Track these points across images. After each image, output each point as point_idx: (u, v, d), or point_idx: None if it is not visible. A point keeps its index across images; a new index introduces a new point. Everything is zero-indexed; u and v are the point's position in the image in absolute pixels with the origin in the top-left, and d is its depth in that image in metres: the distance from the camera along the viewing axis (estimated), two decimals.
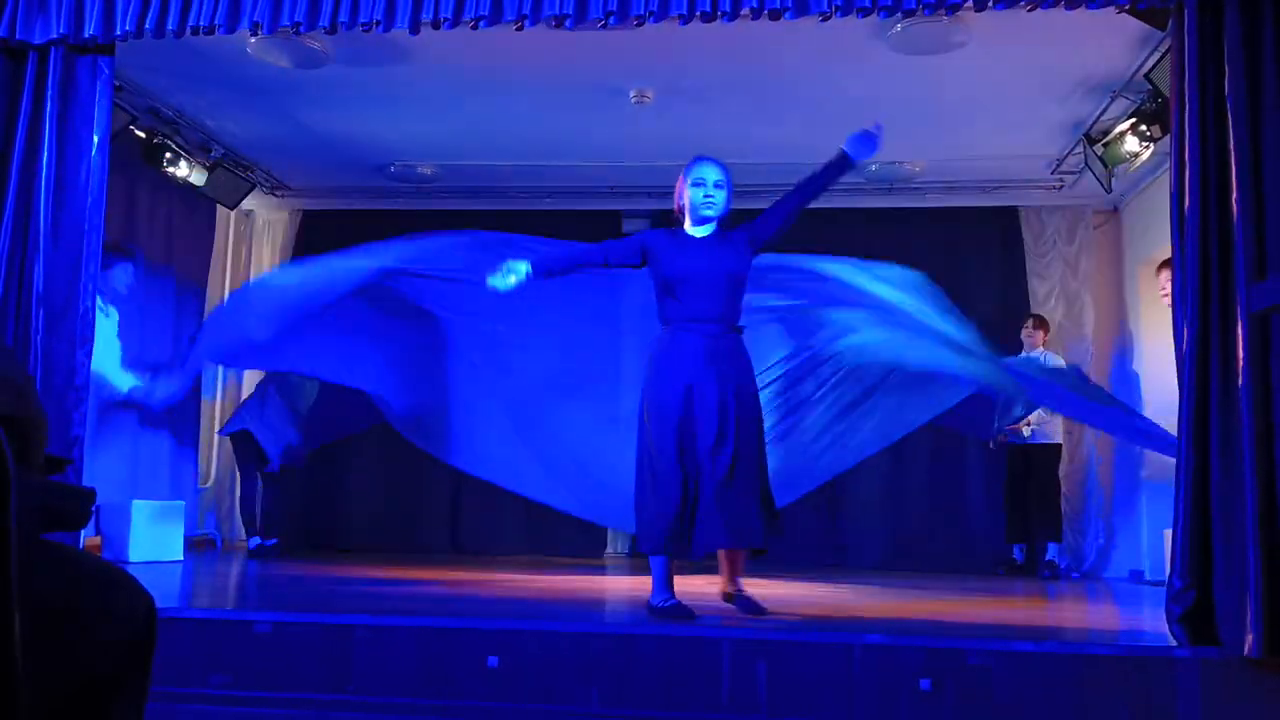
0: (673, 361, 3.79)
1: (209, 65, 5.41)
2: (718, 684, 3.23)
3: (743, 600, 3.95)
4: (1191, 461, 3.31)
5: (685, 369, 3.76)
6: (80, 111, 4.01)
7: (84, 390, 3.94)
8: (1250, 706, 3.12)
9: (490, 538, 7.48)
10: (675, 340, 3.82)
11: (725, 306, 3.82)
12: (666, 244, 3.89)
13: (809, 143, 6.37)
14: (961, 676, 3.17)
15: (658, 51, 5.10)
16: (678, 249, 3.86)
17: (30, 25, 3.95)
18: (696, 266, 3.80)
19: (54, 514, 1.00)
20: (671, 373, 3.78)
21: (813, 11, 3.61)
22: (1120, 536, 7.09)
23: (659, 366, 3.83)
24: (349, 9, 3.79)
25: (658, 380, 3.81)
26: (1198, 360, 3.34)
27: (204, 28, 3.88)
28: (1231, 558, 3.20)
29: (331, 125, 6.34)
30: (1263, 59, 3.37)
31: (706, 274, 3.79)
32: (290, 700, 3.31)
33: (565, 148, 6.58)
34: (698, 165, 3.92)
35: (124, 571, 1.06)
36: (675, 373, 3.77)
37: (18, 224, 3.93)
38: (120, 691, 0.99)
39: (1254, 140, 3.34)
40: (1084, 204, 7.30)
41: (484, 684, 3.30)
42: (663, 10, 3.65)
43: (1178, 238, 3.45)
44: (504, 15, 3.74)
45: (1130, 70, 5.27)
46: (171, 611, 3.48)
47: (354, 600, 4.31)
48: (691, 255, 3.83)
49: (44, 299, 3.88)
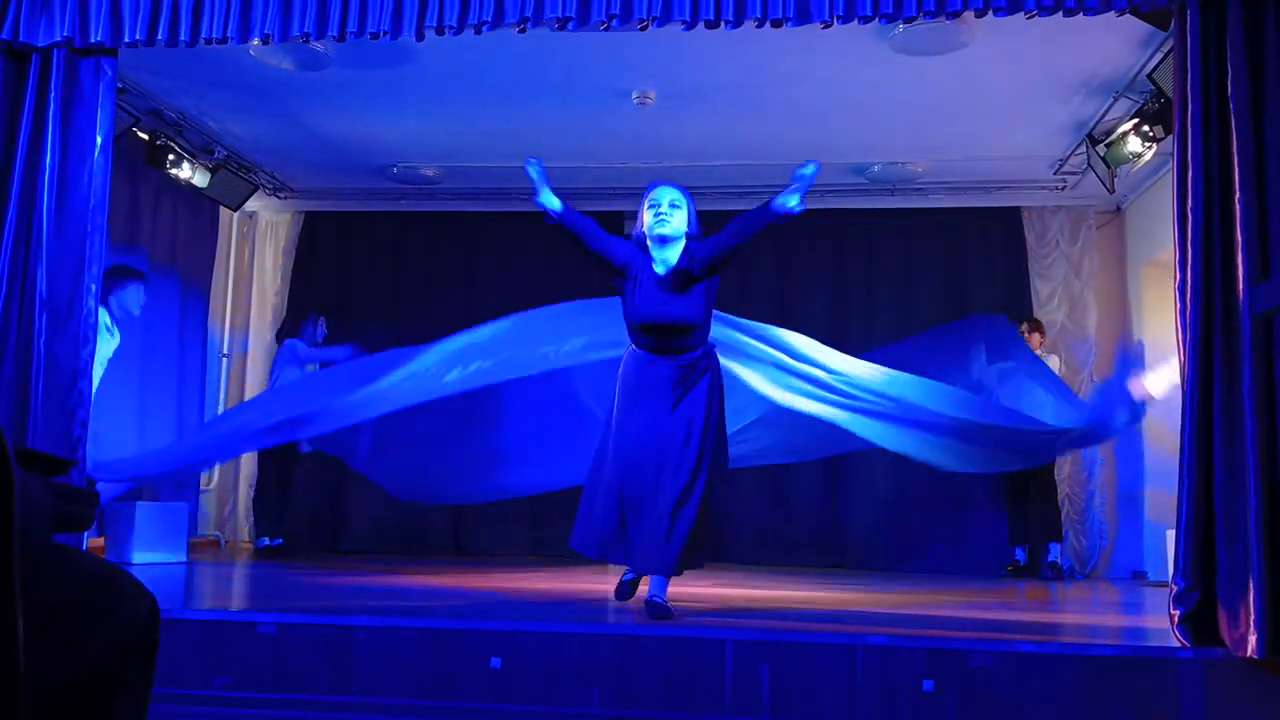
0: (633, 380, 3.93)
1: (212, 67, 5.42)
2: (720, 685, 3.23)
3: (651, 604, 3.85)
4: (1194, 462, 3.31)
5: (644, 389, 3.88)
6: (83, 113, 4.02)
7: (86, 392, 3.95)
8: (1253, 707, 3.12)
9: (492, 539, 7.48)
10: (637, 360, 3.95)
11: (679, 343, 3.89)
12: (634, 275, 3.91)
13: (810, 144, 6.40)
14: (964, 677, 3.17)
15: (659, 53, 5.10)
16: (640, 287, 3.90)
17: (34, 28, 3.96)
18: (647, 312, 3.88)
19: (58, 516, 1.00)
20: (630, 392, 3.92)
21: (814, 20, 3.63)
22: (1123, 537, 7.08)
23: (622, 382, 3.98)
24: (357, 18, 3.82)
25: (619, 397, 3.97)
26: (1201, 361, 3.34)
27: (216, 39, 3.91)
28: (1235, 559, 3.20)
29: (334, 127, 6.34)
30: (1265, 59, 3.37)
31: (656, 320, 3.87)
32: (293, 701, 3.31)
33: (567, 149, 6.58)
34: (652, 189, 3.99)
35: (126, 573, 1.07)
36: (634, 392, 3.91)
37: (21, 225, 3.93)
38: (123, 692, 0.99)
39: (1257, 140, 3.34)
40: (1087, 204, 7.29)
41: (487, 685, 3.30)
42: (666, 15, 3.66)
43: (1181, 238, 3.44)
44: (507, 18, 3.75)
45: (1133, 70, 5.27)
46: (174, 613, 3.49)
47: (357, 601, 4.32)
48: (644, 298, 3.88)
49: (47, 300, 3.89)
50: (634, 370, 3.95)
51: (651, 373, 3.89)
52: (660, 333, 3.89)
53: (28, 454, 0.98)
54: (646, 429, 3.84)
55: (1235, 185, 3.33)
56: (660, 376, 3.87)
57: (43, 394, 3.84)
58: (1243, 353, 3.25)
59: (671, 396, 3.85)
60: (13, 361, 3.86)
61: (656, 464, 3.80)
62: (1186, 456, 3.33)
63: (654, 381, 3.87)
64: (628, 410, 3.92)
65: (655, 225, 3.89)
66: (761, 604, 4.56)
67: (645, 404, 3.87)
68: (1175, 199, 3.48)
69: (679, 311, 3.86)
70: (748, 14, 3.64)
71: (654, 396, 3.86)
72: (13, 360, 3.86)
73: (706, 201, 7.25)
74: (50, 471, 1.05)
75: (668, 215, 3.89)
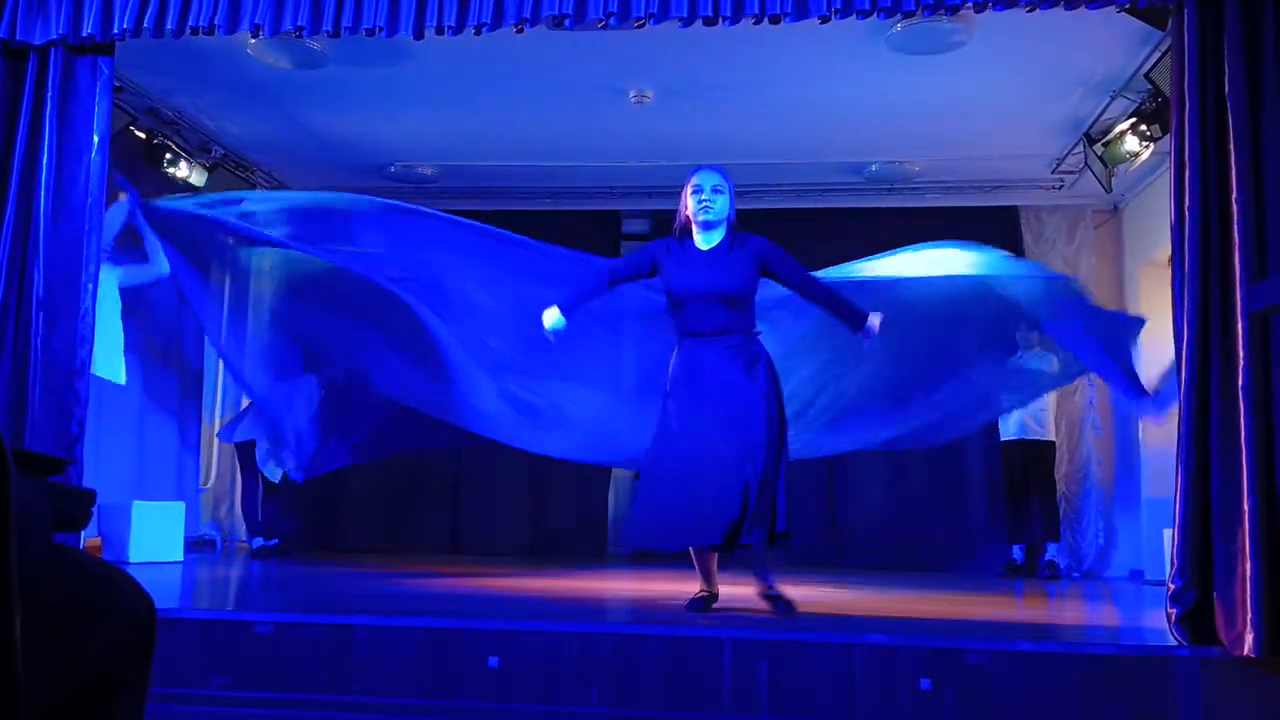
0: (684, 374, 3.93)
1: (209, 66, 5.41)
2: (719, 684, 3.23)
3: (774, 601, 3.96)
4: (1191, 461, 3.31)
5: (695, 382, 3.89)
6: (80, 112, 4.01)
7: (84, 391, 3.94)
8: (1250, 706, 3.12)
9: (490, 538, 7.49)
10: (686, 353, 3.96)
11: (729, 321, 3.92)
12: (672, 257, 4.01)
13: (809, 143, 6.41)
14: (962, 676, 3.17)
15: (657, 52, 5.10)
16: (682, 263, 3.97)
17: (30, 26, 3.95)
18: (697, 284, 3.92)
19: (56, 516, 1.00)
20: (682, 386, 3.92)
21: (812, 15, 3.62)
22: (1120, 536, 7.10)
23: (672, 378, 3.97)
24: (352, 13, 3.80)
25: (670, 392, 3.96)
26: (1198, 360, 3.34)
27: (203, 28, 3.87)
28: (1232, 557, 3.20)
29: (331, 126, 6.34)
30: (1263, 58, 3.37)
31: (706, 292, 3.91)
32: (291, 701, 3.31)
33: (565, 148, 6.59)
34: (695, 174, 4.05)
35: (124, 573, 1.07)
36: (686, 385, 3.91)
37: (18, 224, 3.93)
38: (120, 691, 0.99)
39: (1254, 139, 3.34)
40: (1084, 203, 7.30)
41: (485, 684, 3.30)
42: (663, 13, 3.65)
43: (1178, 237, 3.45)
44: (506, 19, 3.74)
45: (1130, 70, 5.28)
46: (172, 612, 3.48)
47: (355, 600, 4.31)
48: (694, 272, 3.94)
49: (43, 299, 3.88)
50: (687, 358, 3.95)
51: (704, 357, 3.90)
52: (706, 302, 3.89)
53: (25, 454, 0.98)
54: (716, 411, 3.83)
55: (1233, 185, 3.33)
56: (713, 360, 3.88)
57: (40, 393, 3.84)
58: (1240, 352, 3.26)
59: (731, 378, 3.86)
60: (10, 360, 3.85)
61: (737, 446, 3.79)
62: (1183, 455, 3.34)
63: (708, 366, 3.89)
64: (690, 399, 3.90)
65: (700, 211, 4.00)
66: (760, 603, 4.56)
67: (706, 390, 3.87)
68: (1172, 198, 3.48)
69: (725, 281, 3.91)
70: (745, 10, 3.63)
71: (714, 381, 3.86)
72: (10, 359, 3.85)
73: None
74: (47, 471, 1.05)
75: (711, 201, 3.98)
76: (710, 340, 3.91)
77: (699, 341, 3.93)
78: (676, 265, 3.97)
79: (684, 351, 3.98)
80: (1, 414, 3.78)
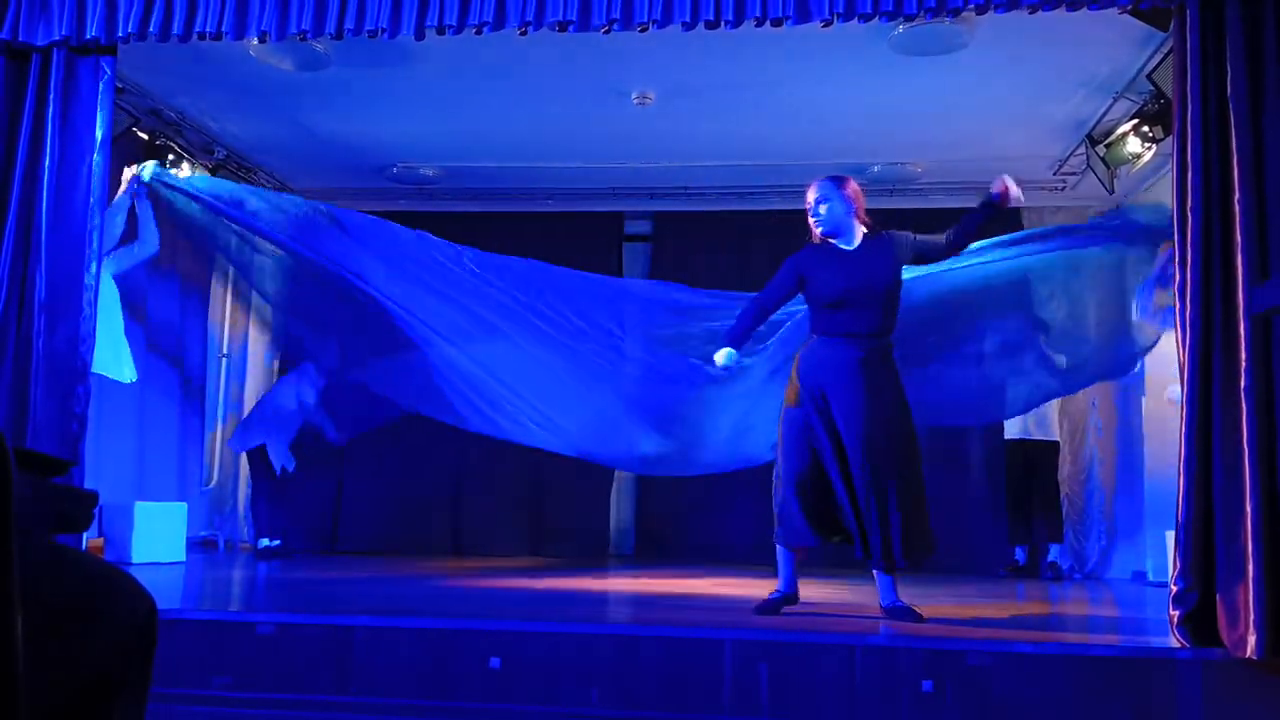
0: (813, 372, 3.96)
1: (211, 67, 5.41)
2: (719, 685, 3.23)
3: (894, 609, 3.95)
4: (1194, 463, 3.31)
5: (824, 380, 3.93)
6: (82, 112, 4.02)
7: (85, 392, 3.94)
8: (1253, 708, 3.12)
9: (491, 538, 7.48)
10: (819, 351, 3.99)
11: (882, 319, 3.98)
12: (819, 262, 4.04)
13: (811, 145, 6.40)
14: (963, 678, 3.17)
15: (659, 53, 5.10)
16: (833, 266, 4.01)
17: (33, 27, 3.96)
18: (852, 283, 3.96)
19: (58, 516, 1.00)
20: (810, 383, 3.95)
21: (814, 18, 3.63)
22: (1122, 538, 7.08)
23: (800, 374, 4.01)
24: (355, 15, 3.81)
25: (798, 388, 4.00)
26: (1200, 362, 3.34)
27: (210, 34, 3.88)
28: (1234, 559, 3.20)
29: (333, 127, 6.34)
30: (1265, 60, 3.37)
31: (864, 289, 3.95)
32: (292, 701, 3.31)
33: (567, 149, 6.58)
34: (806, 192, 4.13)
35: (125, 573, 1.07)
36: (813, 383, 3.94)
37: (20, 224, 3.93)
38: (121, 692, 0.99)
39: (1256, 141, 3.34)
40: (1086, 205, 7.28)
41: (486, 685, 3.30)
42: (666, 17, 3.66)
43: (1180, 239, 3.45)
44: (508, 21, 3.75)
45: (1133, 71, 5.27)
46: (173, 613, 3.49)
47: (356, 601, 4.32)
48: (848, 271, 3.99)
49: (45, 300, 3.89)
50: (808, 361, 3.99)
51: (828, 361, 3.93)
52: (855, 303, 3.93)
53: (27, 454, 0.98)
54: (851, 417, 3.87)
55: (1234, 186, 3.33)
56: (837, 361, 3.92)
57: (41, 393, 3.84)
58: (1242, 354, 3.25)
59: (866, 380, 3.89)
60: (12, 361, 3.85)
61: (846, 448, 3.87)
62: (1185, 457, 3.33)
63: (829, 368, 3.92)
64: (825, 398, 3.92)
65: (816, 227, 4.10)
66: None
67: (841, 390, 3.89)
68: (1174, 200, 3.48)
69: (871, 278, 3.96)
70: (747, 13, 3.64)
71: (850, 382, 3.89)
72: (12, 359, 3.86)
73: (705, 202, 7.33)
74: (50, 471, 1.05)
75: (821, 216, 4.07)
76: (843, 341, 3.94)
77: (831, 341, 3.97)
78: (827, 267, 4.01)
79: (818, 346, 4.01)
80: (3, 414, 3.78)
